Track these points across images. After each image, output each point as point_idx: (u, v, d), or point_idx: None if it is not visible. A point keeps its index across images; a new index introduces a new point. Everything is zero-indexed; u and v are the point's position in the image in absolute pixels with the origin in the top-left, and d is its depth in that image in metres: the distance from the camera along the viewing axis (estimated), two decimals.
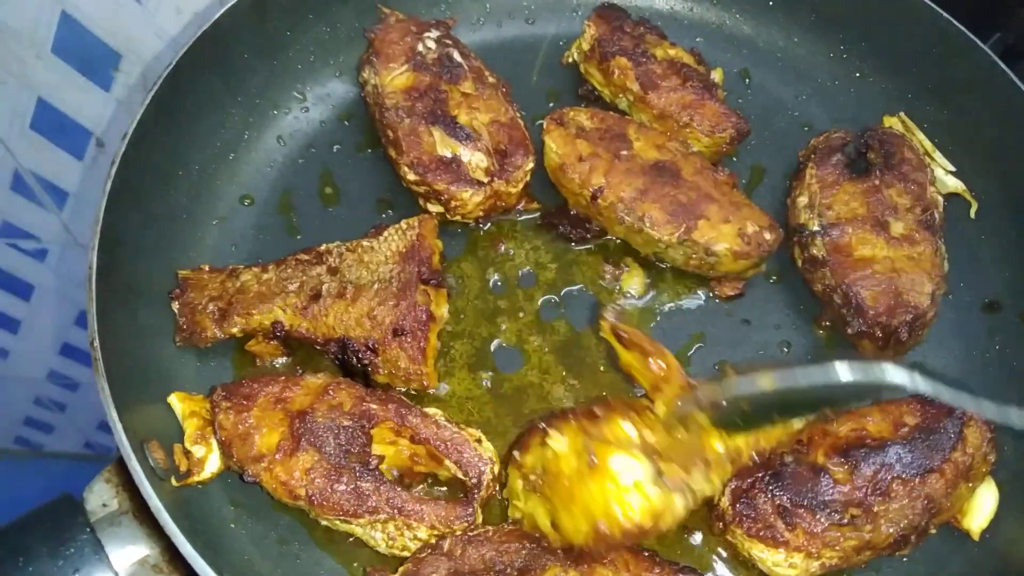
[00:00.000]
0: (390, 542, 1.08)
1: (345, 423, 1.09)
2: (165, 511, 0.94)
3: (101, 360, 1.02)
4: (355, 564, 1.13)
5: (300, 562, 1.12)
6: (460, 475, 1.09)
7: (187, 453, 1.10)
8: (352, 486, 1.06)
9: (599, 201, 1.31)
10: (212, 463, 1.10)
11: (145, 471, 0.97)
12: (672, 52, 1.45)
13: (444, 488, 1.14)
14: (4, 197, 2.17)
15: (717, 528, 1.15)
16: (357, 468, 1.07)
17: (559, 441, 1.05)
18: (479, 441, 1.12)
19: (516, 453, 1.11)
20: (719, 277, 1.35)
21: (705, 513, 1.17)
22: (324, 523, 1.10)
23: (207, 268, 1.28)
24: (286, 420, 1.09)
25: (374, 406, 1.11)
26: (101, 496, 0.99)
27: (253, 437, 1.08)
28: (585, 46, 1.48)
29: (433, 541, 1.06)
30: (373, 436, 1.10)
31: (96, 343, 1.04)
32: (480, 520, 1.08)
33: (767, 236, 1.29)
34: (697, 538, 1.17)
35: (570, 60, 1.55)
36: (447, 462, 1.10)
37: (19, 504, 1.05)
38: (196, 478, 1.09)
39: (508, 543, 1.05)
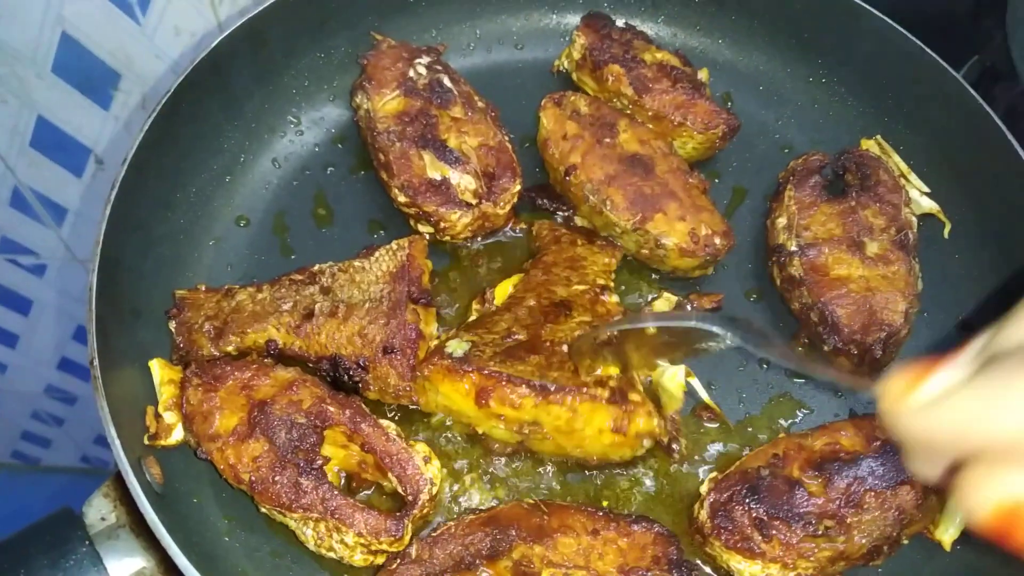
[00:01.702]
0: (319, 541, 1.12)
1: (300, 420, 1.14)
2: (161, 525, 0.98)
3: (100, 379, 1.06)
4: None
5: (292, 573, 1.16)
6: (400, 490, 1.13)
7: (158, 417, 1.16)
8: (292, 481, 1.10)
9: (570, 178, 1.40)
10: (179, 432, 1.17)
11: (142, 486, 1.01)
12: (660, 55, 1.52)
13: (387, 499, 1.19)
14: (3, 213, 2.20)
15: (697, 540, 1.19)
16: (301, 464, 1.12)
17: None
18: (426, 460, 1.15)
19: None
20: (698, 293, 1.40)
21: (686, 526, 1.21)
22: (264, 510, 1.14)
23: (203, 288, 1.32)
24: (247, 407, 1.15)
25: (331, 408, 1.16)
26: (100, 510, 1.03)
27: (214, 416, 1.14)
28: (576, 55, 1.54)
29: (359, 551, 1.11)
30: (327, 437, 1.15)
31: (96, 362, 1.07)
32: (408, 538, 1.12)
33: (716, 240, 1.35)
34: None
35: (560, 69, 1.61)
36: (390, 475, 1.14)
37: (17, 518, 1.09)
38: (162, 442, 1.16)
39: (471, 534, 1.10)
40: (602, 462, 1.24)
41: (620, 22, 1.57)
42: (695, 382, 1.29)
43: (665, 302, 1.38)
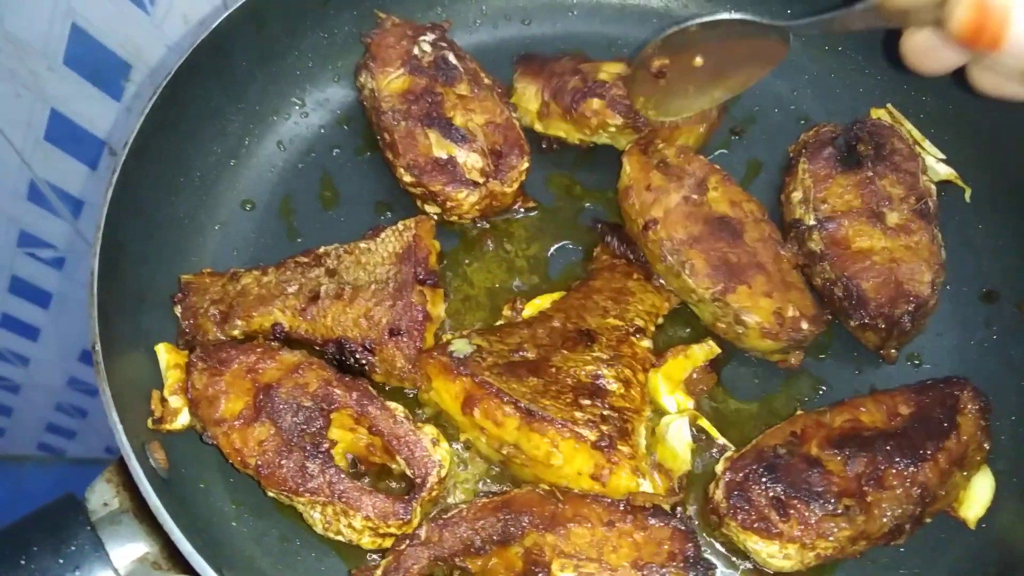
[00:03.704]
0: (326, 525, 1.11)
1: (306, 403, 1.13)
2: (164, 510, 0.97)
3: (103, 364, 1.05)
4: (355, 562, 1.15)
5: (301, 559, 1.15)
6: (408, 472, 1.12)
7: (164, 401, 1.16)
8: (299, 464, 1.09)
9: (649, 233, 1.29)
10: (185, 416, 1.16)
11: (145, 471, 1.00)
12: (612, 69, 1.43)
13: (395, 484, 1.17)
14: (21, 207, 2.22)
15: (713, 521, 1.16)
16: (308, 448, 1.11)
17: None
18: (434, 442, 1.13)
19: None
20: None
21: (702, 506, 1.18)
22: (271, 495, 1.13)
23: (208, 272, 1.31)
24: (252, 390, 1.14)
25: (338, 391, 1.14)
26: (102, 496, 1.02)
27: (219, 401, 1.13)
28: (532, 107, 1.44)
29: (366, 534, 1.10)
30: (333, 420, 1.14)
31: (97, 347, 1.06)
32: (417, 521, 1.10)
33: (804, 325, 1.23)
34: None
35: (523, 125, 1.45)
36: (398, 457, 1.12)
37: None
38: (167, 426, 1.15)
39: (483, 518, 1.08)
40: None
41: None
42: (705, 424, 1.24)
43: (708, 347, 1.29)
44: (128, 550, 0.99)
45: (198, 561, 0.94)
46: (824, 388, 1.30)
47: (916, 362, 1.32)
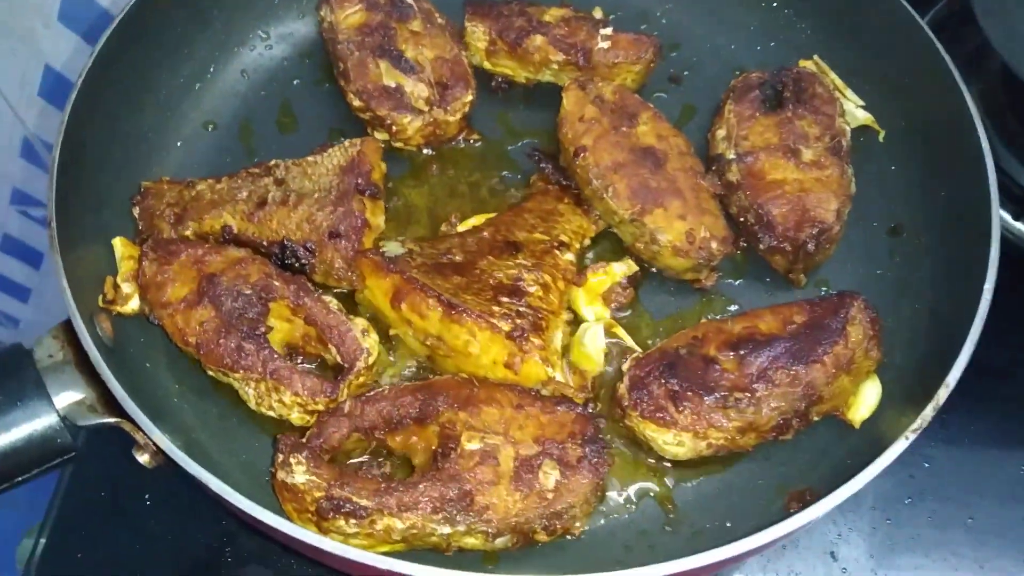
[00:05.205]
0: (259, 400, 1.21)
1: (246, 291, 1.23)
2: (103, 361, 1.07)
3: (56, 236, 1.15)
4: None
5: (237, 434, 1.24)
6: (338, 359, 1.21)
7: (116, 287, 1.26)
8: (235, 344, 1.18)
9: (579, 159, 1.39)
10: (135, 302, 1.26)
11: (89, 330, 1.10)
12: (556, 12, 1.54)
13: (330, 373, 1.25)
14: (14, 164, 2.24)
15: (617, 414, 1.25)
16: (244, 330, 1.20)
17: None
18: (364, 332, 1.22)
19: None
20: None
21: (610, 406, 1.27)
22: (211, 373, 1.23)
23: (167, 180, 1.41)
24: (197, 279, 1.23)
25: (276, 283, 1.24)
26: (48, 348, 1.12)
27: (166, 287, 1.23)
28: (482, 45, 1.54)
29: (296, 410, 1.19)
30: (272, 310, 1.23)
31: (53, 223, 1.16)
32: (344, 399, 1.19)
33: (713, 244, 1.32)
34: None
35: (471, 64, 1.56)
36: (330, 346, 1.21)
37: None
38: (118, 308, 1.25)
39: (402, 397, 1.16)
40: None
41: None
42: (620, 332, 1.33)
43: (626, 266, 1.38)
44: (68, 395, 1.09)
45: (131, 406, 1.04)
46: (735, 308, 1.39)
47: (824, 288, 1.41)
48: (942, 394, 1.11)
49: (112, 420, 1.09)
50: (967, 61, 1.53)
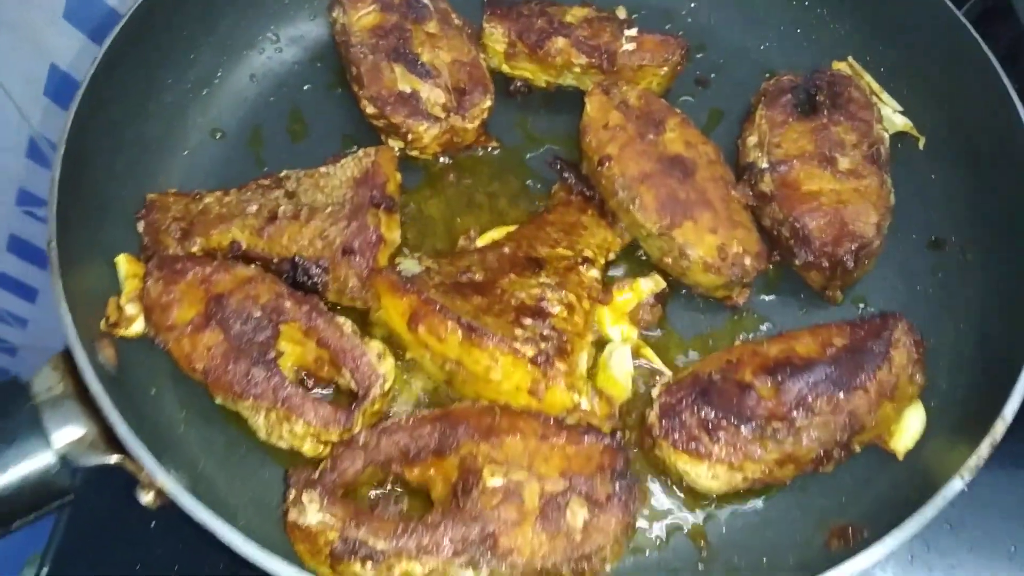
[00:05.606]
0: (269, 430, 1.14)
1: (256, 313, 1.16)
2: (106, 395, 1.00)
3: (57, 261, 1.09)
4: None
5: (245, 465, 1.18)
6: (353, 385, 1.14)
7: (120, 309, 1.19)
8: (245, 370, 1.12)
9: (603, 169, 1.31)
10: (140, 323, 1.19)
11: (91, 360, 1.04)
12: (578, 12, 1.47)
13: (344, 398, 1.19)
14: (20, 165, 2.21)
15: (647, 443, 1.18)
16: (255, 355, 1.14)
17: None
18: (379, 356, 1.16)
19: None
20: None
21: (639, 434, 1.21)
22: (219, 402, 1.16)
23: (173, 192, 1.35)
24: (204, 299, 1.16)
25: (288, 304, 1.17)
26: (47, 381, 1.06)
27: (172, 309, 1.16)
28: (500, 48, 1.47)
29: (308, 440, 1.12)
30: (283, 333, 1.17)
31: (53, 244, 1.10)
32: (359, 429, 1.13)
33: (747, 261, 1.25)
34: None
35: (491, 67, 1.50)
36: (344, 371, 1.15)
37: None
38: (121, 331, 1.18)
39: (420, 428, 1.10)
40: None
41: None
42: (649, 354, 1.27)
43: (653, 282, 1.31)
44: (67, 432, 1.02)
45: (135, 444, 0.98)
46: (768, 326, 1.32)
47: (862, 305, 1.34)
48: (999, 428, 1.04)
49: (114, 459, 1.02)
50: (1002, 60, 1.45)
